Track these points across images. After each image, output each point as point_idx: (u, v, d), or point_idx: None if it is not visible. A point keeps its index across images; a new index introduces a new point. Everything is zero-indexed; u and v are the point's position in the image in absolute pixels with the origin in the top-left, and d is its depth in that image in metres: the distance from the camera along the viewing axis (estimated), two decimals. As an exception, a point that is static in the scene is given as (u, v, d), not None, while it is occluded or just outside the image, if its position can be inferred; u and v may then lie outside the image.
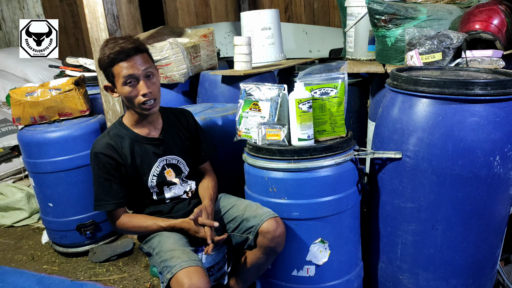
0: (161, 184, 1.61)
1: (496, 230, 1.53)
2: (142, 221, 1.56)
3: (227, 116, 1.95)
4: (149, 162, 1.58)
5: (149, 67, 1.49)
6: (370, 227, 1.74)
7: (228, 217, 1.61)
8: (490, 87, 1.33)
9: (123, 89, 1.48)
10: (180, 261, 1.34)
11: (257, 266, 1.57)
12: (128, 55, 1.44)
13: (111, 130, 1.59)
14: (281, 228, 1.48)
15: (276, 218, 1.49)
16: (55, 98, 2.31)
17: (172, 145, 1.64)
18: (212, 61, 2.81)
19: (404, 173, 1.50)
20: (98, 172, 1.53)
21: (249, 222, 1.52)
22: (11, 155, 3.45)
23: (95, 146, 1.54)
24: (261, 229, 1.47)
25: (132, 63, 1.45)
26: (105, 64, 1.47)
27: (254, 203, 1.59)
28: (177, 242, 1.47)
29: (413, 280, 1.60)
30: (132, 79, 1.46)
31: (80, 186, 2.34)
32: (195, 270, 1.31)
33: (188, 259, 1.35)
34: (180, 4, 4.75)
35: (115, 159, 1.52)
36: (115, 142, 1.54)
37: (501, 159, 1.38)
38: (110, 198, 1.53)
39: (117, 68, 1.45)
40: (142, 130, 1.59)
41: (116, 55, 1.43)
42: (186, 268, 1.31)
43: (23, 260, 2.46)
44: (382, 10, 1.98)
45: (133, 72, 1.44)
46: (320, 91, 1.53)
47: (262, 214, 1.50)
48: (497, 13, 1.82)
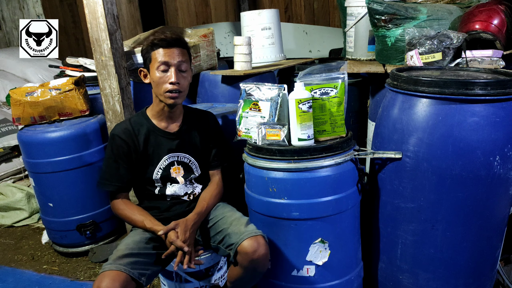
0: (165, 179, 1.63)
1: (496, 230, 1.53)
2: (132, 213, 1.59)
3: (227, 116, 1.95)
4: (159, 154, 1.62)
5: (184, 61, 1.56)
6: (370, 227, 1.74)
7: (216, 228, 1.59)
8: (490, 87, 1.33)
9: (155, 74, 1.54)
10: (110, 262, 1.39)
11: (242, 281, 1.53)
12: (169, 44, 1.53)
13: (133, 117, 1.67)
14: (262, 249, 1.42)
15: (257, 237, 1.43)
16: (55, 98, 2.31)
17: (188, 144, 1.66)
18: (212, 61, 2.81)
19: (404, 173, 1.50)
20: (110, 153, 1.61)
21: (230, 238, 1.48)
22: (11, 155, 3.45)
23: (115, 128, 1.63)
24: (239, 248, 1.42)
25: (170, 51, 1.53)
26: (147, 48, 1.56)
27: (244, 218, 1.56)
28: (136, 243, 1.50)
29: (413, 280, 1.60)
30: (165, 66, 1.52)
31: (80, 186, 2.34)
32: (111, 274, 1.33)
33: (114, 262, 1.37)
34: (180, 4, 4.75)
35: (128, 144, 1.59)
36: (133, 128, 1.61)
37: (501, 159, 1.37)
38: (114, 180, 1.60)
39: (155, 53, 1.53)
40: (160, 123, 1.64)
41: (158, 41, 1.53)
42: (107, 271, 1.34)
43: (23, 260, 2.46)
44: (382, 10, 1.98)
45: (168, 59, 1.52)
46: (320, 91, 1.53)
47: (243, 232, 1.45)
48: (497, 13, 1.82)
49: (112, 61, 2.07)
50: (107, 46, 2.04)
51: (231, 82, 2.39)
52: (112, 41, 2.05)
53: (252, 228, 1.48)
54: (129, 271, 1.36)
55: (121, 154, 1.59)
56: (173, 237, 1.47)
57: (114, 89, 2.12)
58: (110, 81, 2.11)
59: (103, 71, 2.10)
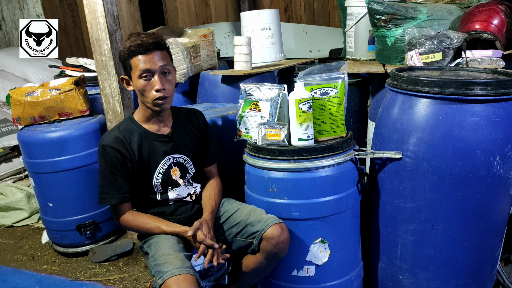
0: (165, 183, 1.61)
1: (496, 230, 1.53)
2: (145, 221, 1.55)
3: (227, 116, 1.95)
4: (156, 159, 1.58)
5: (166, 64, 1.50)
6: (370, 227, 1.74)
7: (231, 221, 1.60)
8: (490, 87, 1.33)
9: (138, 82, 1.48)
10: (172, 267, 1.34)
11: (258, 270, 1.57)
12: (147, 49, 1.45)
13: (121, 124, 1.60)
14: (286, 235, 1.48)
15: (281, 224, 1.48)
16: (55, 98, 2.31)
17: (181, 143, 1.64)
18: (212, 61, 2.81)
19: (404, 173, 1.50)
20: (104, 165, 1.53)
21: (253, 227, 1.51)
22: (11, 155, 3.45)
23: (104, 139, 1.55)
24: (265, 234, 1.46)
25: (150, 57, 1.46)
26: (125, 55, 1.48)
27: (258, 208, 1.58)
28: (173, 246, 1.47)
29: (413, 280, 1.60)
30: (148, 73, 1.47)
31: (80, 186, 2.34)
32: (184, 278, 1.30)
33: (181, 266, 1.34)
34: (180, 4, 4.75)
35: (122, 153, 1.53)
36: (123, 136, 1.55)
37: (501, 159, 1.38)
38: (115, 192, 1.53)
39: (135, 61, 1.47)
40: (151, 127, 1.60)
41: (136, 47, 1.45)
42: (176, 276, 1.30)
43: (23, 260, 2.46)
44: (382, 10, 1.98)
45: (150, 66, 1.46)
46: (320, 91, 1.53)
47: (267, 219, 1.49)
48: (497, 13, 1.82)
49: (112, 61, 2.08)
50: (107, 46, 2.04)
51: (231, 82, 2.39)
52: (112, 41, 2.06)
53: (273, 215, 1.52)
54: (193, 273, 1.36)
55: (116, 164, 1.52)
56: (202, 236, 1.47)
57: (114, 89, 2.12)
58: (110, 81, 2.11)
59: (103, 71, 2.10)
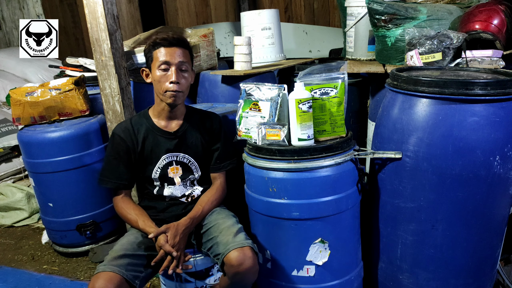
0: (163, 179, 1.63)
1: (496, 230, 1.53)
2: (129, 212, 1.59)
3: (227, 116, 1.95)
4: (157, 154, 1.62)
5: (185, 61, 1.57)
6: (370, 227, 1.74)
7: (208, 234, 1.57)
8: (490, 87, 1.33)
9: (156, 73, 1.55)
10: (106, 262, 1.40)
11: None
12: (170, 43, 1.54)
13: (134, 116, 1.70)
14: (248, 262, 1.37)
15: (244, 249, 1.38)
16: (55, 98, 2.31)
17: (188, 144, 1.65)
18: (212, 61, 2.81)
19: (404, 173, 1.50)
20: (110, 150, 1.64)
21: (218, 247, 1.46)
22: (11, 155, 3.45)
23: (116, 127, 1.66)
24: (225, 259, 1.39)
25: (171, 51, 1.54)
26: (149, 47, 1.58)
27: (235, 226, 1.52)
28: (131, 244, 1.51)
29: (413, 280, 1.60)
30: (166, 65, 1.53)
31: (80, 186, 2.33)
32: (106, 275, 1.34)
33: (109, 263, 1.38)
34: (180, 4, 4.75)
35: (127, 143, 1.61)
36: (132, 127, 1.63)
37: (501, 159, 1.38)
38: (113, 177, 1.62)
39: (157, 52, 1.55)
40: (160, 122, 1.65)
41: (160, 40, 1.55)
42: (101, 272, 1.35)
43: (23, 260, 2.46)
44: (382, 10, 1.98)
45: (169, 59, 1.53)
46: (320, 91, 1.53)
47: (230, 243, 1.41)
48: (497, 13, 1.82)
49: (112, 61, 2.07)
50: (107, 46, 2.04)
51: (231, 82, 2.39)
52: (112, 41, 2.05)
53: (240, 238, 1.44)
54: (123, 273, 1.36)
55: (121, 152, 1.61)
56: (162, 242, 1.45)
57: (114, 89, 2.12)
58: (110, 81, 2.11)
59: (103, 71, 2.10)
